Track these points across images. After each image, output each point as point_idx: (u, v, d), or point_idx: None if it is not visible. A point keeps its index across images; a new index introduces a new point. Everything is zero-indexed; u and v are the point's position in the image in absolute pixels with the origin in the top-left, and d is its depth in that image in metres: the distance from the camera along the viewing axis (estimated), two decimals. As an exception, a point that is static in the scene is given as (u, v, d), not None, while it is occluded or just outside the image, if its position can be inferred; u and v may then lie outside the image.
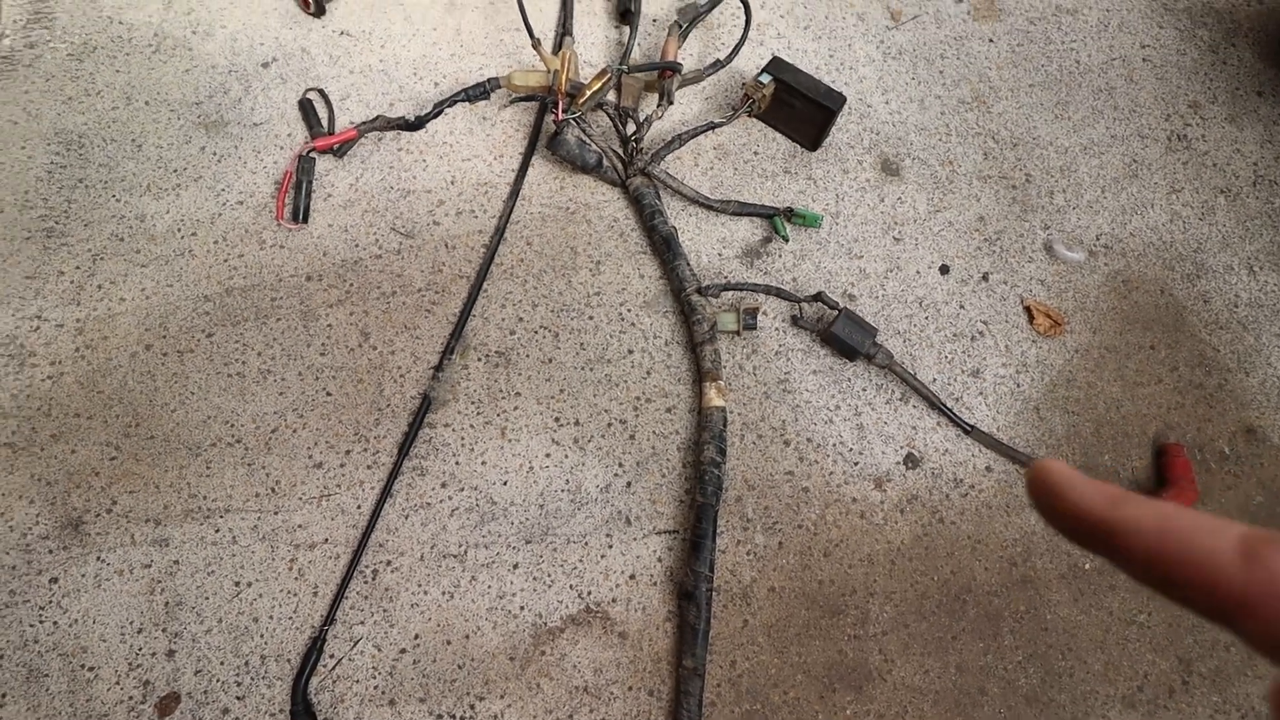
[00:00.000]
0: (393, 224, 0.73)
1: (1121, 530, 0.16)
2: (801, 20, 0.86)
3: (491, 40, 0.82)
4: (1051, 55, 0.87)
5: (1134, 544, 0.16)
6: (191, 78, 0.78)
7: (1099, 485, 0.17)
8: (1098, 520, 0.17)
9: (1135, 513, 0.16)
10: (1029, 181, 0.81)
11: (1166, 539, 0.16)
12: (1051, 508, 0.18)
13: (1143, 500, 0.17)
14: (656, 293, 0.72)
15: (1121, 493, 0.17)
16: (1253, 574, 0.14)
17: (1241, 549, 0.15)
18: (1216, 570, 0.15)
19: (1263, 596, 0.14)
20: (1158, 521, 0.16)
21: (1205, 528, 0.15)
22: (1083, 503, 0.17)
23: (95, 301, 0.68)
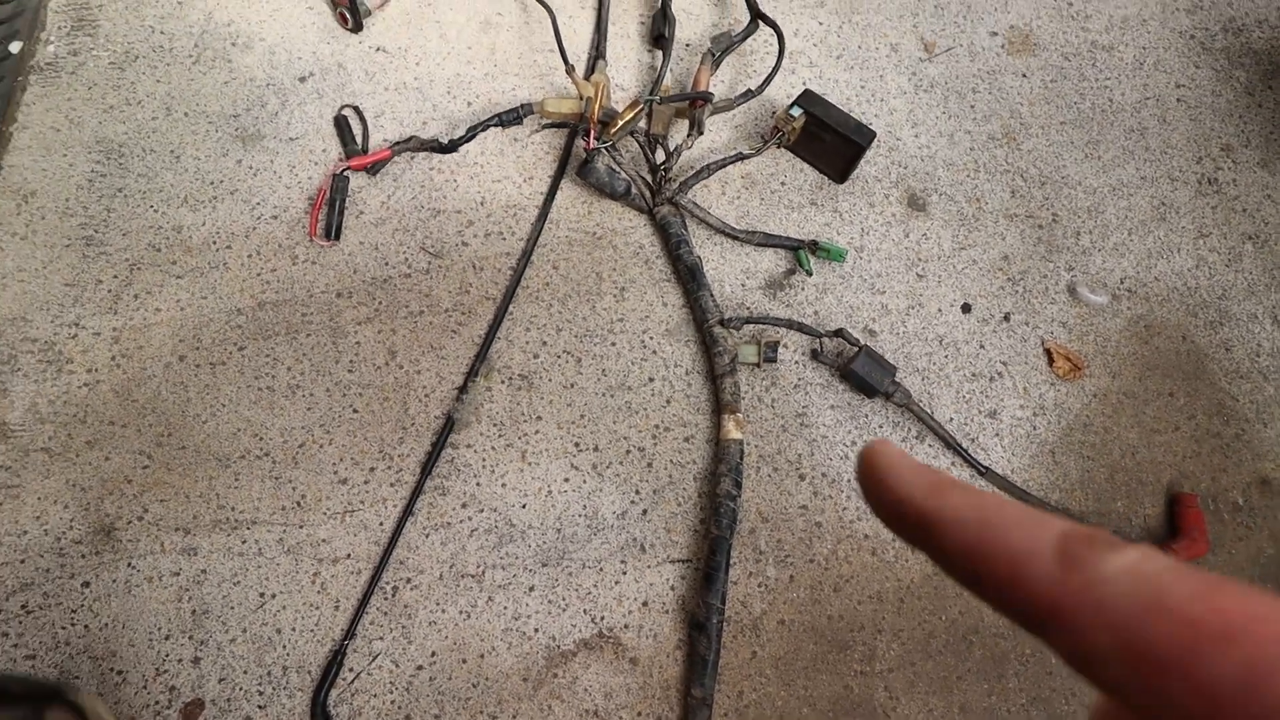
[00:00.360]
0: (422, 243, 0.74)
1: (938, 521, 0.15)
2: (834, 49, 0.86)
3: (525, 61, 0.82)
4: (1085, 92, 0.87)
5: (949, 537, 0.15)
6: (230, 90, 0.79)
7: (923, 471, 0.16)
8: (915, 509, 0.15)
9: (954, 502, 0.15)
10: (1055, 221, 0.81)
11: (983, 533, 0.14)
12: (874, 494, 0.16)
13: (965, 489, 0.15)
14: (679, 321, 0.73)
15: (946, 480, 0.16)
16: (1068, 579, 0.13)
17: (1059, 550, 0.13)
18: (1030, 572, 0.13)
19: (1076, 606, 0.13)
20: (977, 513, 0.14)
21: (1025, 523, 0.14)
22: (901, 489, 0.16)
23: (131, 311, 0.70)
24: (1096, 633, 0.12)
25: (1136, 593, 0.12)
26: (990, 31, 0.89)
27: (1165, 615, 0.12)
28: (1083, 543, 0.13)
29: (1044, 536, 0.13)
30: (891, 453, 0.16)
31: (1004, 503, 0.15)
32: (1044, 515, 0.14)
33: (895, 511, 0.16)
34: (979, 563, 0.14)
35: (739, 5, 0.85)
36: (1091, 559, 0.13)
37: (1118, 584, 0.12)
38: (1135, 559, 0.13)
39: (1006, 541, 0.14)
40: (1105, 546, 0.13)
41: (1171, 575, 0.12)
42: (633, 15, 0.86)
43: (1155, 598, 0.12)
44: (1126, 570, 0.12)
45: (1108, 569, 0.13)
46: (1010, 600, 0.14)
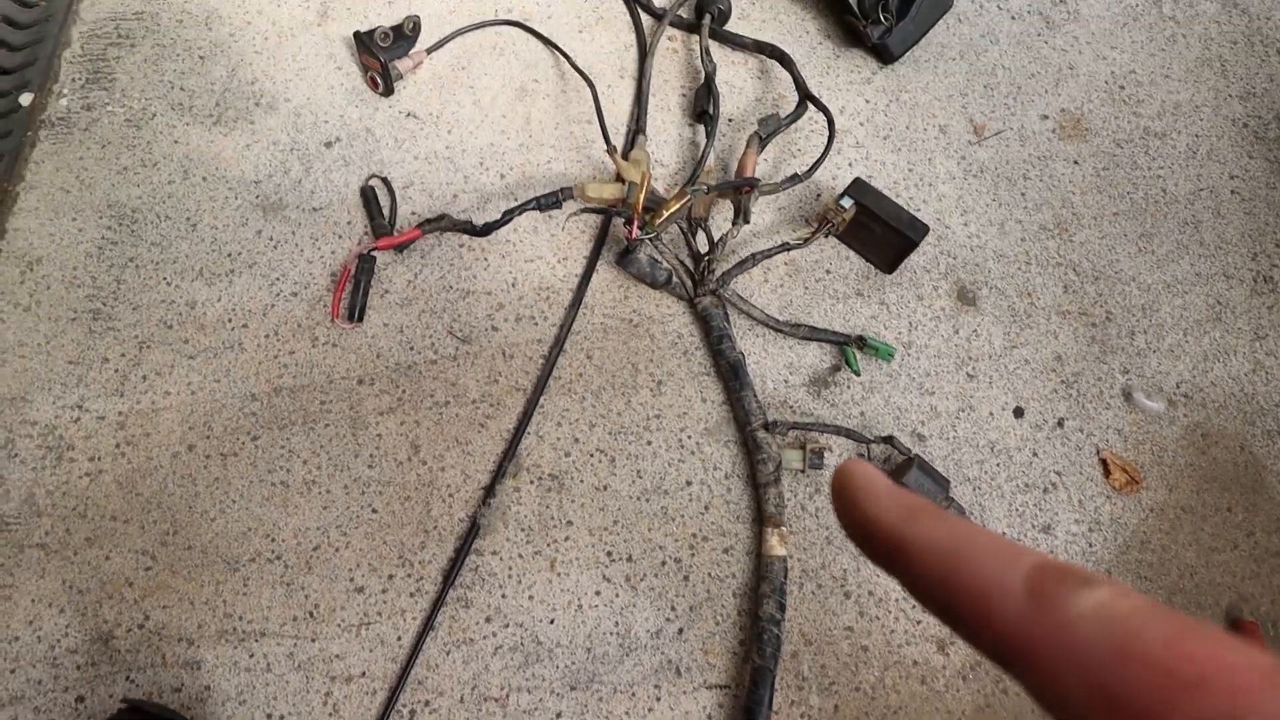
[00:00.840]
0: (450, 327, 0.70)
1: (909, 547, 0.14)
2: (881, 129, 0.83)
3: (562, 132, 0.79)
4: (1137, 182, 0.84)
5: (920, 564, 0.14)
6: (252, 154, 0.75)
7: (898, 494, 0.15)
8: (887, 533, 0.15)
9: (927, 529, 0.14)
10: (1109, 320, 0.77)
11: (955, 563, 0.14)
12: (847, 516, 0.16)
13: (940, 515, 0.15)
14: (719, 420, 0.69)
15: (921, 505, 0.15)
16: (1038, 617, 0.12)
17: (1029, 585, 0.13)
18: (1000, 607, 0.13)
19: (1045, 646, 0.12)
20: (949, 542, 0.14)
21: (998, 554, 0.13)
22: (874, 512, 0.15)
23: (139, 394, 0.66)
24: (1066, 675, 0.12)
25: (1107, 635, 0.12)
26: (1041, 115, 0.86)
27: (1136, 660, 0.11)
28: (1054, 578, 0.13)
29: (1016, 570, 0.13)
30: (867, 473, 0.16)
31: (977, 532, 0.14)
32: (1017, 547, 0.14)
33: (867, 534, 0.15)
34: (949, 593, 0.14)
35: (784, 80, 0.82)
36: (1063, 596, 0.12)
37: (1088, 624, 0.12)
38: (1107, 597, 0.12)
39: (978, 573, 0.13)
40: (1078, 582, 0.13)
41: (1143, 617, 0.12)
42: (674, 86, 0.83)
43: (1126, 641, 0.12)
44: (1098, 609, 0.12)
45: (1079, 607, 0.12)
46: (980, 635, 0.13)
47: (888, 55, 0.84)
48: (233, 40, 0.80)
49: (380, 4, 0.83)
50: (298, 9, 0.81)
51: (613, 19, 0.85)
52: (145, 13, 0.80)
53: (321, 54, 0.80)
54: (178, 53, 0.79)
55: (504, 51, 0.82)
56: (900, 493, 0.16)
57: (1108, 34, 0.92)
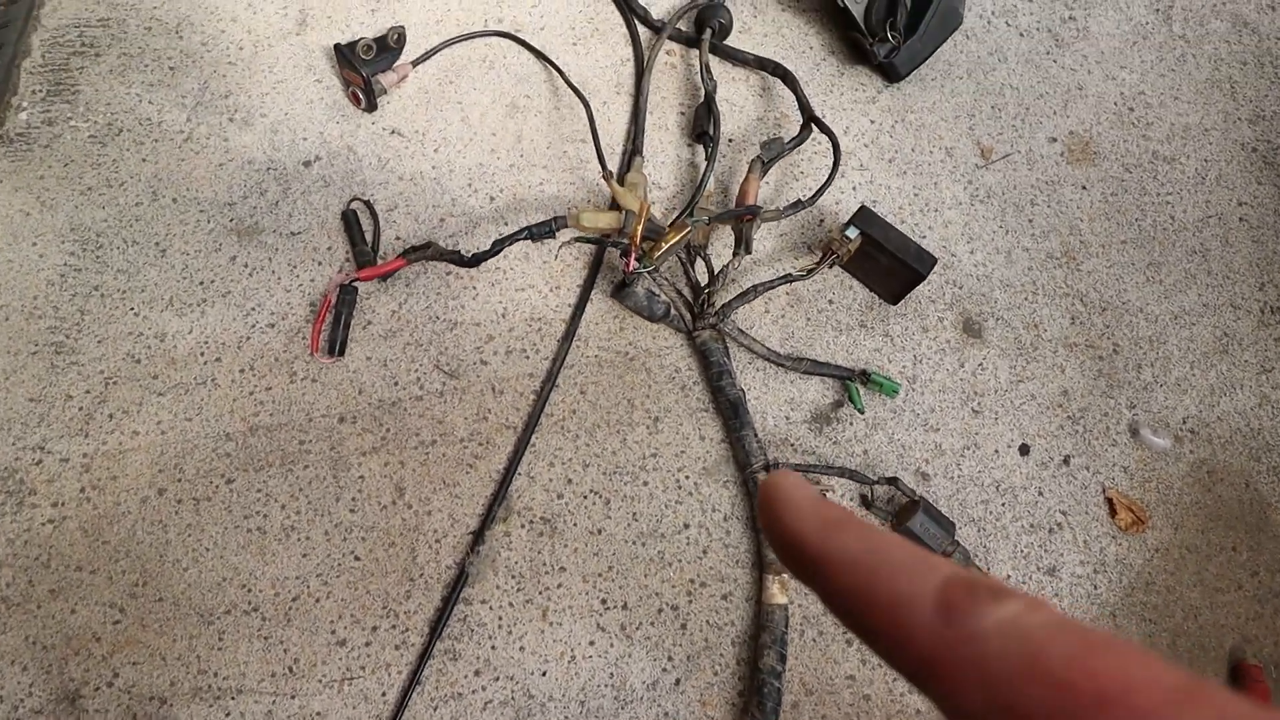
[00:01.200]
0: (436, 361, 0.67)
1: (826, 561, 0.14)
2: (886, 151, 0.80)
3: (555, 151, 0.75)
4: (1146, 208, 0.82)
5: (836, 579, 0.14)
6: (225, 173, 0.71)
7: (820, 506, 0.15)
8: (806, 547, 0.15)
9: (845, 543, 0.14)
10: (1116, 352, 0.76)
11: (869, 577, 0.14)
12: (768, 529, 0.16)
13: (861, 528, 0.14)
14: (718, 458, 0.67)
15: (843, 517, 0.15)
16: (945, 630, 0.12)
17: (938, 598, 0.13)
18: (909, 621, 0.13)
19: (951, 661, 0.12)
20: (865, 556, 0.14)
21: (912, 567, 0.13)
22: (796, 524, 0.15)
23: (105, 434, 0.62)
24: (970, 691, 0.12)
25: (1012, 650, 0.12)
26: (1049, 137, 0.84)
27: (1039, 678, 0.11)
28: (964, 591, 0.13)
29: (927, 582, 0.13)
30: (791, 484, 0.16)
31: (895, 545, 0.14)
32: (932, 559, 0.13)
33: (786, 547, 0.15)
34: (861, 608, 0.13)
35: (786, 97, 0.79)
36: (971, 609, 0.12)
37: (995, 640, 0.12)
38: (1015, 612, 0.12)
39: (890, 586, 0.13)
40: (988, 596, 0.12)
41: (1049, 632, 0.12)
42: (672, 104, 0.79)
43: (1031, 657, 0.11)
44: (1005, 624, 0.12)
45: (986, 622, 0.12)
46: (891, 650, 0.13)
47: (894, 74, 0.81)
48: (205, 50, 0.75)
49: (363, 12, 0.78)
50: (275, 17, 0.77)
51: (609, 31, 0.81)
52: (111, 19, 0.75)
53: (300, 65, 0.76)
54: (146, 63, 0.74)
55: (494, 65, 0.78)
56: (822, 505, 0.15)
57: (1117, 53, 0.89)
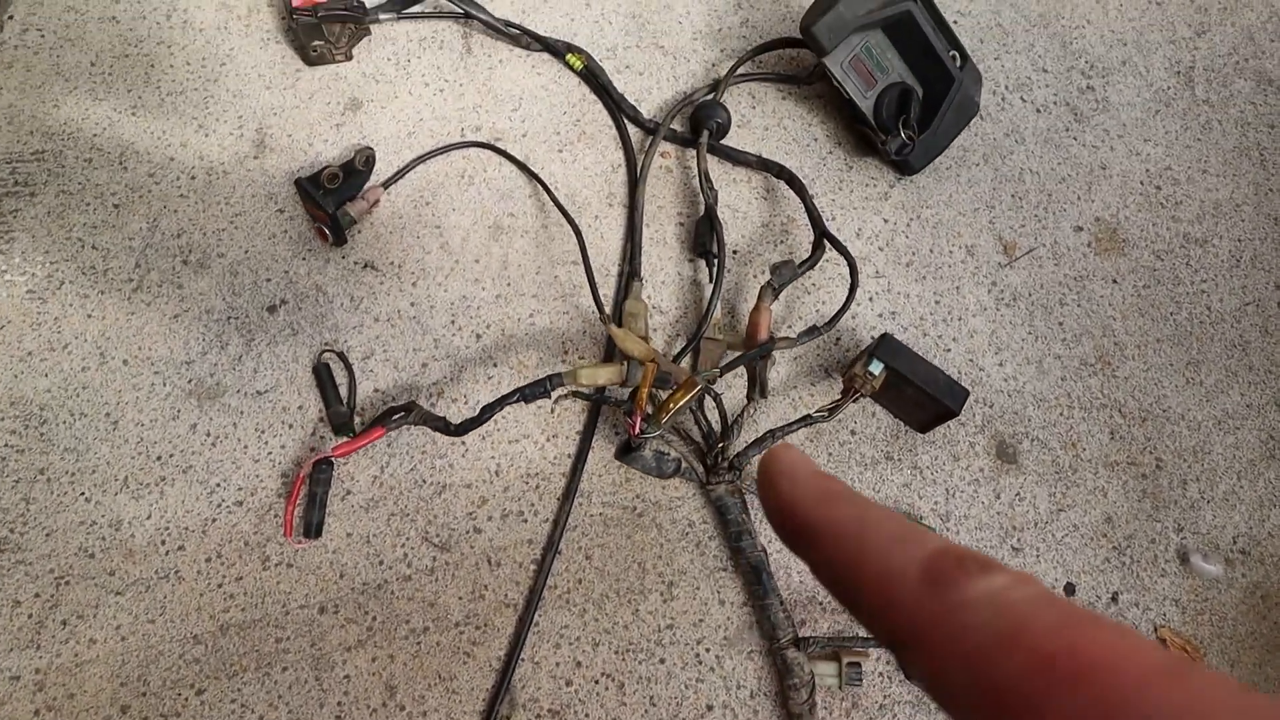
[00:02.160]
0: (425, 532, 0.61)
1: (819, 532, 0.14)
2: (903, 254, 0.74)
3: (545, 276, 0.69)
4: (1180, 300, 0.76)
5: (827, 550, 0.14)
6: (181, 326, 0.64)
7: (818, 479, 0.16)
8: (800, 517, 0.15)
9: (839, 514, 0.14)
10: (1160, 468, 0.70)
11: (858, 547, 0.14)
12: (766, 499, 0.16)
13: (855, 501, 0.15)
14: (740, 625, 0.61)
15: (840, 491, 0.15)
16: (930, 601, 0.12)
17: (925, 570, 0.13)
18: (895, 592, 0.13)
19: (933, 631, 0.12)
20: (856, 527, 0.14)
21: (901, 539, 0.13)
22: (791, 496, 0.15)
23: (59, 644, 0.56)
24: (951, 661, 0.12)
25: (994, 622, 0.12)
26: (1074, 226, 0.78)
27: (1019, 649, 0.11)
28: (951, 563, 0.13)
29: (916, 554, 0.13)
30: (791, 458, 0.16)
31: (887, 518, 0.14)
32: (922, 532, 0.14)
33: (781, 516, 0.15)
34: (848, 577, 0.14)
35: (793, 199, 0.73)
36: (957, 581, 0.12)
37: (978, 611, 0.12)
38: (1001, 585, 0.12)
39: (878, 556, 0.13)
40: (976, 568, 0.12)
41: (1034, 606, 0.12)
42: (669, 214, 0.73)
43: (1013, 629, 0.11)
44: (990, 596, 0.12)
45: (971, 593, 0.12)
46: (875, 620, 0.13)
47: (908, 169, 0.75)
48: (153, 182, 0.68)
49: (326, 128, 0.71)
50: (229, 139, 0.70)
51: (597, 134, 0.75)
52: (47, 152, 0.68)
53: (260, 194, 0.69)
54: (87, 201, 0.67)
55: (473, 180, 0.72)
56: (821, 478, 0.16)
57: (1139, 124, 0.83)
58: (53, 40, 0.71)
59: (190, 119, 0.70)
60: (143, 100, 0.70)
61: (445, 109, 0.73)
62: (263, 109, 0.71)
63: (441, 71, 0.75)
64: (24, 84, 0.69)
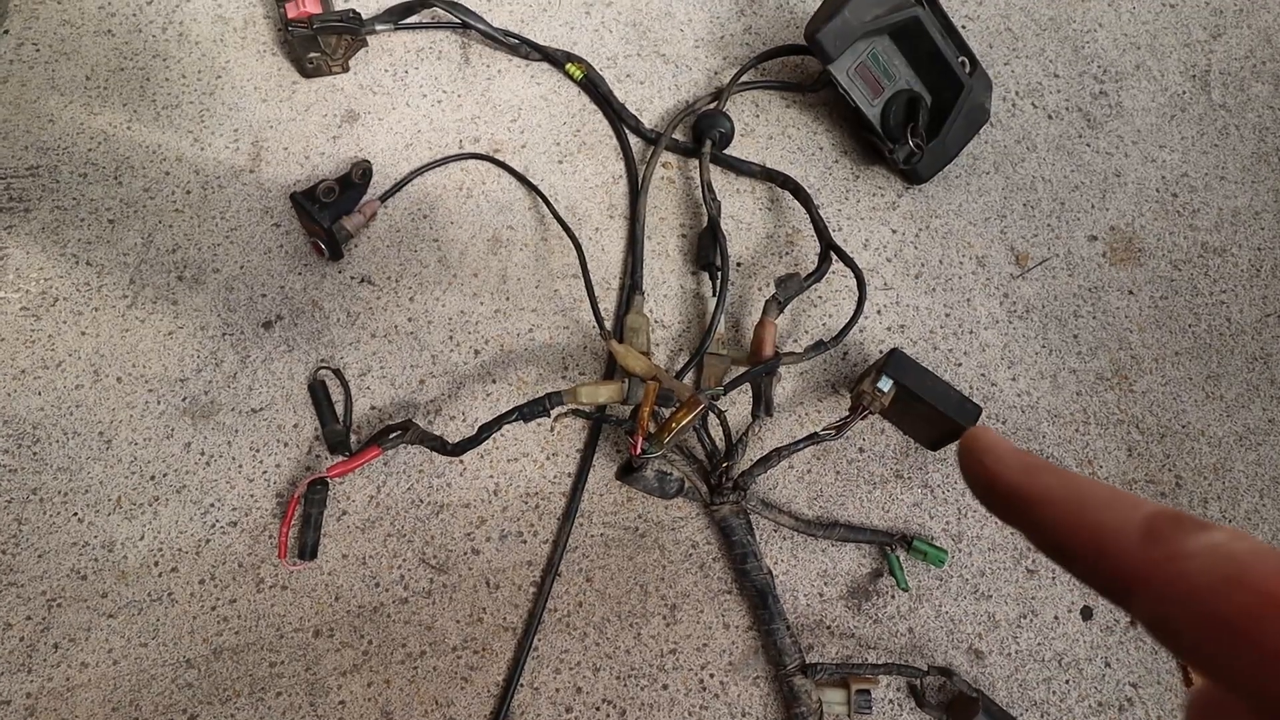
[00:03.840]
0: (422, 554, 0.59)
1: (1033, 499, 0.16)
2: (912, 265, 0.72)
3: (544, 290, 0.68)
4: (1199, 311, 0.74)
5: (1043, 515, 0.15)
6: (176, 343, 0.63)
7: (1018, 454, 0.17)
8: (1012, 488, 0.16)
9: (1048, 482, 0.16)
10: (1179, 486, 0.68)
11: (1077, 511, 0.15)
12: (972, 474, 0.17)
13: (1058, 470, 0.16)
14: (745, 649, 0.59)
15: (1039, 461, 0.16)
16: (1150, 552, 0.13)
17: (1144, 527, 0.14)
18: (1117, 546, 0.14)
19: (1155, 575, 0.13)
20: (1070, 492, 0.15)
21: (1116, 503, 0.14)
22: (999, 469, 0.16)
23: (51, 668, 0.55)
24: (1174, 602, 0.13)
25: (1216, 568, 0.12)
26: (1089, 235, 0.76)
27: (1240, 587, 0.12)
28: (1170, 521, 0.13)
29: (1134, 515, 0.14)
30: (990, 437, 0.17)
31: (1095, 484, 0.15)
32: (1135, 498, 0.15)
33: (992, 489, 0.17)
34: (1070, 538, 0.15)
35: (798, 209, 0.71)
36: (1178, 535, 0.13)
37: (1199, 559, 0.13)
38: (1222, 539, 0.13)
39: (1097, 518, 0.14)
40: (1194, 526, 0.13)
41: (1254, 555, 0.12)
42: (671, 226, 0.71)
43: (1234, 572, 0.12)
44: (1210, 548, 0.13)
45: (1192, 545, 0.13)
46: (1097, 572, 0.14)
47: (916, 178, 0.73)
48: (148, 197, 0.67)
49: (323, 140, 0.70)
50: (224, 152, 0.69)
51: (597, 145, 0.73)
52: (42, 167, 0.67)
53: (255, 208, 0.68)
54: (82, 216, 0.66)
55: (472, 192, 0.70)
56: (1022, 452, 0.17)
57: (1155, 130, 0.81)
58: (48, 54, 0.70)
59: (186, 132, 0.69)
60: (138, 114, 0.69)
61: (443, 120, 0.72)
62: (259, 122, 0.70)
63: (439, 82, 0.73)
64: (18, 98, 0.68)
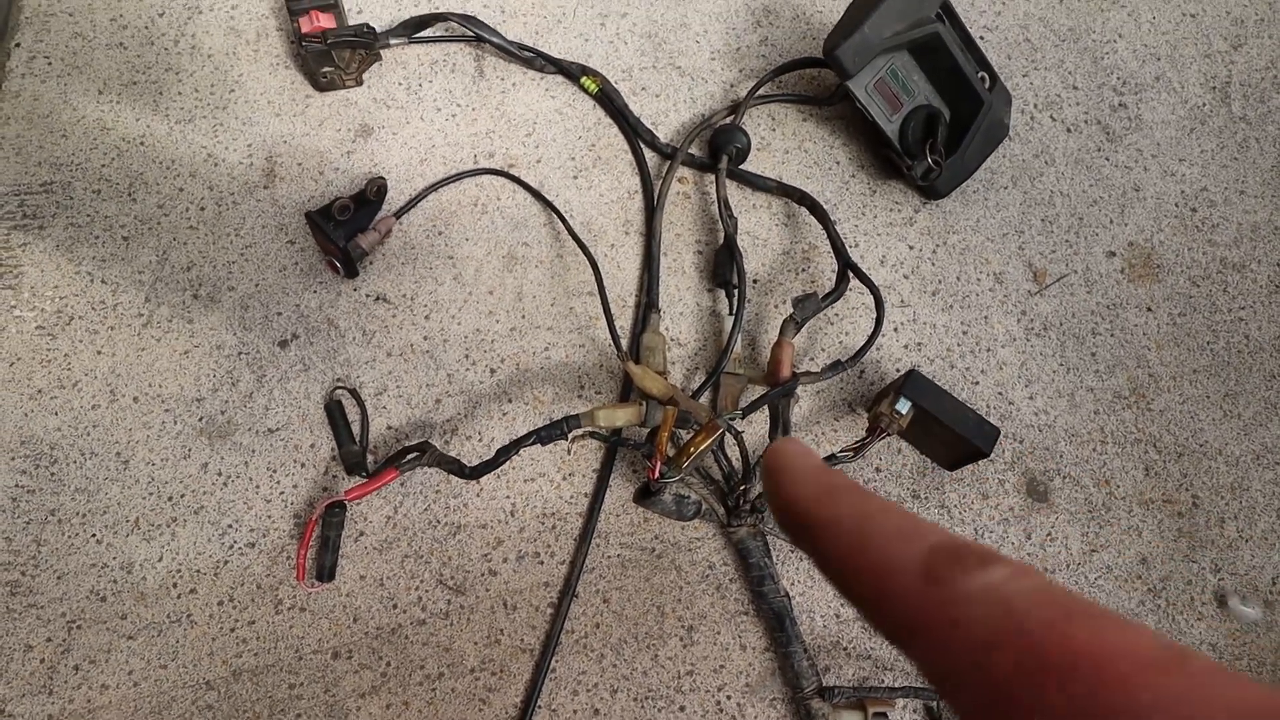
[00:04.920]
0: (439, 574, 0.60)
1: (821, 527, 0.14)
2: (929, 282, 0.72)
3: (560, 308, 0.67)
4: (1218, 329, 0.74)
5: (828, 547, 0.14)
6: (191, 362, 0.63)
7: (819, 474, 0.15)
8: (802, 512, 0.15)
9: (840, 510, 0.14)
10: (1196, 506, 0.68)
11: (860, 542, 0.14)
12: (771, 498, 0.16)
13: (857, 494, 0.15)
14: (762, 671, 0.59)
15: (841, 484, 0.15)
16: (929, 595, 0.12)
17: (924, 565, 0.13)
18: (895, 587, 0.13)
19: (933, 624, 0.12)
20: (857, 522, 0.14)
21: (901, 534, 0.13)
22: (794, 493, 0.15)
23: (72, 690, 0.55)
24: (950, 657, 0.12)
25: (992, 616, 0.12)
26: (1107, 251, 0.75)
27: (1013, 643, 0.11)
28: (950, 557, 0.13)
29: (915, 548, 0.13)
30: (793, 452, 0.16)
31: (887, 511, 0.14)
32: (922, 525, 0.14)
33: (784, 513, 0.15)
34: (853, 576, 0.14)
35: (814, 225, 0.71)
36: (956, 575, 0.12)
37: (976, 605, 0.12)
38: (1001, 577, 0.12)
39: (879, 551, 0.13)
40: (975, 562, 0.12)
41: (1032, 598, 0.12)
42: (687, 242, 0.71)
43: (1011, 622, 0.11)
44: (988, 590, 0.12)
45: (969, 587, 0.12)
46: (876, 614, 0.13)
47: (934, 194, 0.72)
48: (162, 213, 0.67)
49: (337, 155, 0.70)
50: (238, 168, 0.68)
51: (613, 159, 0.73)
52: (55, 183, 0.67)
53: (270, 225, 0.67)
54: (97, 233, 0.66)
55: (487, 208, 0.70)
56: (824, 472, 0.15)
57: (1174, 143, 0.80)
58: (60, 68, 0.69)
59: (199, 148, 0.69)
60: (151, 129, 0.69)
61: (458, 135, 0.72)
62: (272, 137, 0.70)
63: (454, 96, 0.73)
64: (31, 113, 0.68)
